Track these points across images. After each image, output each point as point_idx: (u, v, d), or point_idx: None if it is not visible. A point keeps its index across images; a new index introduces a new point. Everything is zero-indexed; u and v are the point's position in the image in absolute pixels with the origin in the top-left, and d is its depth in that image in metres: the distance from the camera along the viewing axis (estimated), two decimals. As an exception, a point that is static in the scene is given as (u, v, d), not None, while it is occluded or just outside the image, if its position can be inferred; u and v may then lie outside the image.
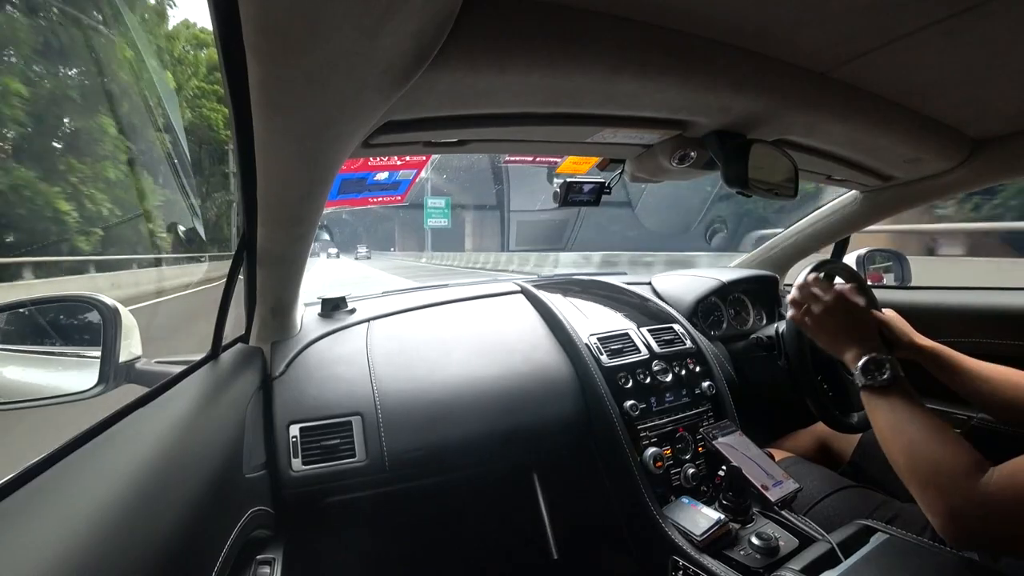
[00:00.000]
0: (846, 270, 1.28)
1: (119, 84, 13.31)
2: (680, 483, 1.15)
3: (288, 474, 0.99)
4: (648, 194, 8.69)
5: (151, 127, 11.40)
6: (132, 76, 12.39)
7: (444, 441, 1.08)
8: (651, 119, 0.85)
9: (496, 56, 0.59)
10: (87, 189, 11.89)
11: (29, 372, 0.99)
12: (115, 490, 0.50)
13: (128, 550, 0.46)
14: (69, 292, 0.96)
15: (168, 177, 12.88)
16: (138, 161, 13.12)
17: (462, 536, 1.33)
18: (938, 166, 1.16)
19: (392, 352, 1.20)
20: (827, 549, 0.86)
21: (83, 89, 13.47)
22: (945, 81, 0.81)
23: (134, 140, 13.05)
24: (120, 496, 0.50)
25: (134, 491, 0.51)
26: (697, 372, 1.32)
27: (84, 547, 0.42)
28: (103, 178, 12.50)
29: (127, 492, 0.51)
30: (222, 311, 0.90)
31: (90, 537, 0.43)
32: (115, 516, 0.47)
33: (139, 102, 12.24)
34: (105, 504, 0.48)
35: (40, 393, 0.88)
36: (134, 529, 0.48)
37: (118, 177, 12.83)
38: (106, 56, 13.10)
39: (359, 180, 1.35)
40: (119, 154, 12.87)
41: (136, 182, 13.38)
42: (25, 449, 0.58)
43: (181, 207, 13.52)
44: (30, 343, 0.99)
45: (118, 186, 12.87)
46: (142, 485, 0.53)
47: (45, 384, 0.93)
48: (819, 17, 0.63)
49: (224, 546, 0.68)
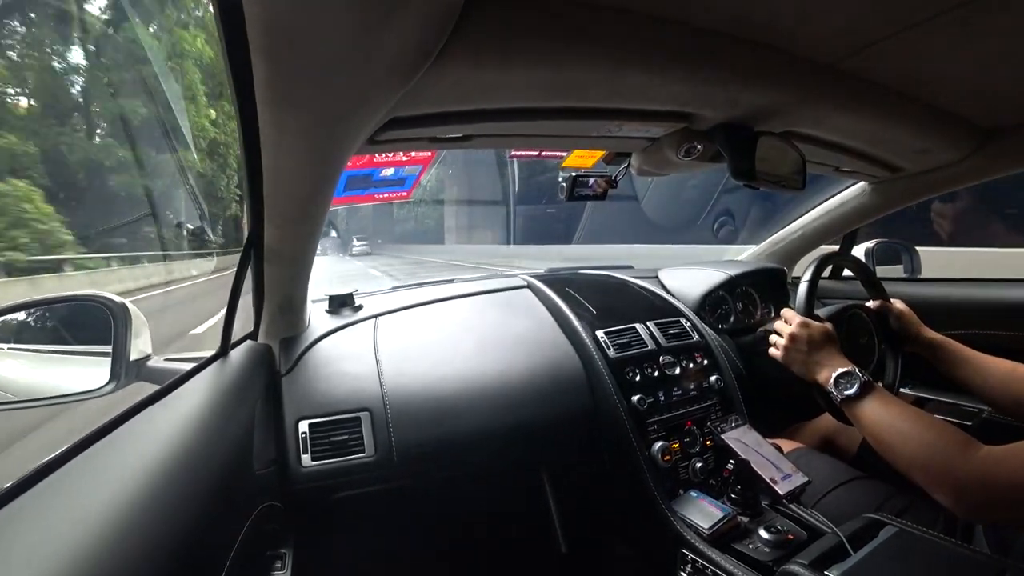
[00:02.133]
0: (854, 263, 1.27)
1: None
2: (688, 477, 1.15)
3: (298, 470, 1.00)
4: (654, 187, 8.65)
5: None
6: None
7: (452, 436, 1.09)
8: (657, 112, 0.85)
9: (500, 51, 0.59)
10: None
11: (41, 371, 1.01)
12: (128, 487, 0.51)
13: (141, 546, 0.46)
14: (79, 292, 0.97)
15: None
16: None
17: (470, 530, 1.33)
18: (947, 157, 1.15)
19: (399, 348, 1.20)
20: (836, 542, 0.86)
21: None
22: (955, 71, 0.80)
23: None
24: (132, 493, 0.50)
25: (146, 488, 0.52)
26: (705, 365, 1.31)
27: (98, 543, 0.43)
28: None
29: (139, 489, 0.51)
30: (230, 309, 0.90)
31: (103, 533, 0.44)
32: (128, 513, 0.48)
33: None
34: (118, 501, 0.48)
35: (52, 392, 0.89)
36: (147, 525, 0.48)
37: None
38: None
39: (365, 176, 1.36)
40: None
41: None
42: (43, 446, 0.58)
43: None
44: (42, 342, 1.00)
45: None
46: (154, 482, 0.54)
47: (57, 383, 0.94)
48: (827, 7, 0.62)
49: (235, 541, 0.69)
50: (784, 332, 1.00)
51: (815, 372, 0.93)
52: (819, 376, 0.92)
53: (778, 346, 1.01)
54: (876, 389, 0.86)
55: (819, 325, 0.97)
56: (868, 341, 1.13)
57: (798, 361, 0.96)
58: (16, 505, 0.45)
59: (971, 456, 0.71)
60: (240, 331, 1.06)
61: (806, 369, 0.95)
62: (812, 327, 0.96)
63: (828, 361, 0.92)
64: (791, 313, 1.01)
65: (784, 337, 0.99)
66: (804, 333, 0.96)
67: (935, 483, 0.73)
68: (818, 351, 0.94)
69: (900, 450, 0.79)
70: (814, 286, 1.05)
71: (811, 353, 0.94)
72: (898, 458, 0.79)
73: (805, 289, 1.04)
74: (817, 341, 0.95)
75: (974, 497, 0.70)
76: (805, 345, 0.95)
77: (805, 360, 0.95)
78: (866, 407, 0.84)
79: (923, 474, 0.75)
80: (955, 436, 0.74)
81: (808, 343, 0.95)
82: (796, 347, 0.96)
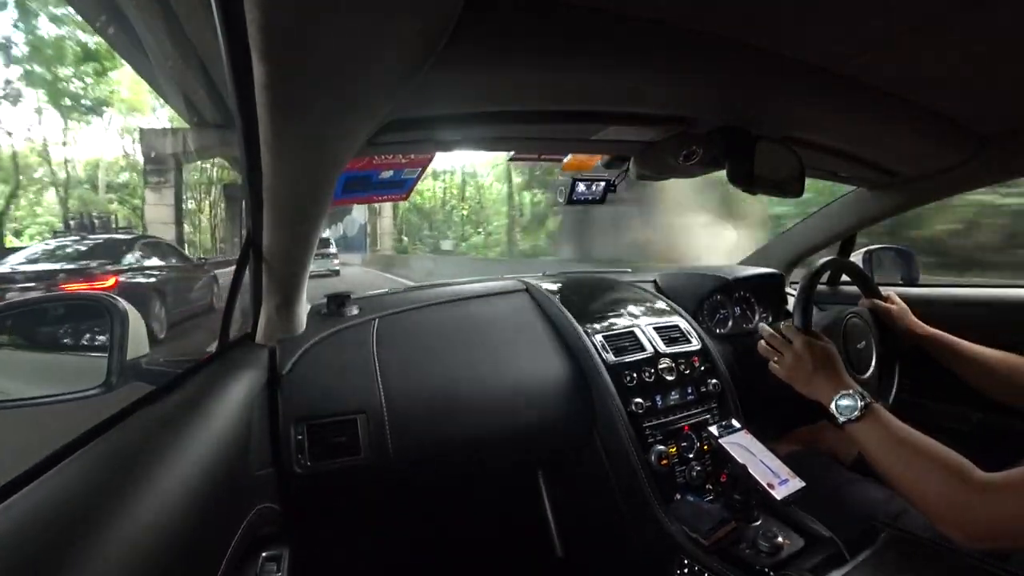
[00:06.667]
0: (852, 268, 1.27)
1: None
2: (685, 481, 1.15)
3: (294, 471, 0.99)
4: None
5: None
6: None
7: (450, 439, 1.09)
8: (656, 116, 0.85)
9: (500, 55, 0.59)
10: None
11: (36, 370, 1.00)
12: (122, 488, 0.51)
13: (135, 547, 0.46)
14: (75, 291, 0.97)
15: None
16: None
17: (467, 533, 1.33)
18: (946, 162, 1.15)
19: (397, 350, 1.20)
20: (834, 548, 0.86)
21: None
22: (953, 76, 0.80)
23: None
24: (127, 494, 0.50)
25: (141, 489, 0.52)
26: (702, 370, 1.31)
27: (89, 544, 0.42)
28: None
29: (134, 490, 0.51)
30: (228, 309, 0.90)
31: (96, 535, 0.44)
32: (121, 514, 0.47)
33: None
34: (112, 502, 0.48)
35: (47, 391, 0.88)
36: (140, 527, 0.48)
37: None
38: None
39: (364, 178, 1.35)
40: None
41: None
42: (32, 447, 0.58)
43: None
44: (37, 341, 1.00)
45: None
46: (149, 482, 0.53)
47: (52, 382, 0.94)
48: (825, 12, 0.62)
49: (231, 543, 0.69)
50: (786, 351, 0.99)
51: (818, 392, 0.93)
52: (821, 397, 0.92)
53: (781, 364, 1.00)
54: (877, 412, 0.85)
55: (821, 345, 0.97)
56: (866, 347, 1.13)
57: (800, 380, 0.96)
58: (8, 505, 0.44)
59: (969, 488, 0.71)
60: (237, 332, 1.06)
61: (809, 389, 0.95)
62: (814, 347, 0.96)
63: (830, 381, 0.92)
64: (793, 331, 1.01)
65: (786, 355, 0.99)
66: (807, 353, 0.96)
67: (933, 515, 0.74)
68: (821, 370, 0.94)
69: (899, 479, 0.79)
70: (811, 296, 1.05)
71: (815, 373, 0.94)
72: (896, 485, 0.80)
73: (802, 301, 1.04)
74: (820, 360, 0.94)
75: (973, 529, 0.71)
76: (809, 364, 0.95)
77: (808, 380, 0.95)
78: (867, 431, 0.84)
79: (921, 503, 0.76)
80: (953, 467, 0.74)
81: (812, 363, 0.95)
82: (800, 367, 0.96)
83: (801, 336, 0.98)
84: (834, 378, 0.92)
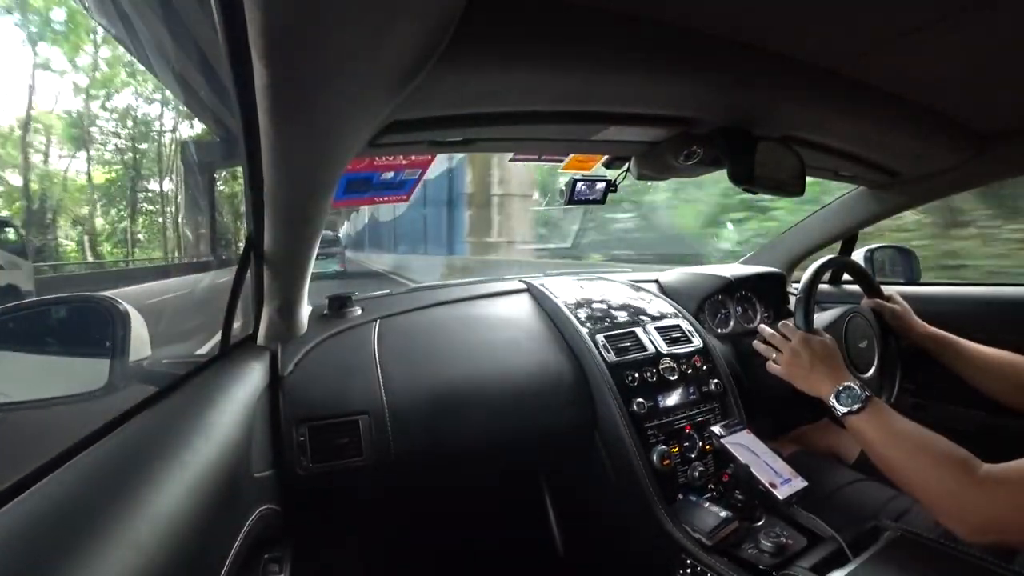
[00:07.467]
0: (854, 267, 1.27)
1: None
2: (687, 481, 1.15)
3: (296, 473, 0.99)
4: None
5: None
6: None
7: (451, 440, 1.08)
8: (657, 116, 0.85)
9: (501, 55, 0.59)
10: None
11: (37, 372, 1.00)
12: (124, 490, 0.51)
13: (137, 549, 0.46)
14: (76, 293, 0.97)
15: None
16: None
17: (469, 534, 1.33)
18: (946, 162, 1.15)
19: (399, 351, 1.20)
20: (836, 548, 0.86)
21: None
22: (953, 76, 0.80)
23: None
24: (129, 496, 0.50)
25: (143, 491, 0.52)
26: (704, 370, 1.31)
27: (93, 546, 0.42)
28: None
29: (136, 491, 0.51)
30: (229, 311, 0.90)
31: (98, 536, 0.44)
32: (124, 516, 0.47)
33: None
34: (114, 504, 0.48)
35: (49, 393, 0.88)
36: (143, 528, 0.48)
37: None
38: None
39: (365, 180, 1.35)
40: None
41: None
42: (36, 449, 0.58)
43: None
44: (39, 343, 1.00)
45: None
46: (151, 484, 0.53)
47: (54, 384, 0.94)
48: (826, 12, 0.62)
49: (233, 545, 0.69)
50: (784, 348, 1.00)
51: (817, 387, 0.93)
52: (821, 391, 0.92)
53: (779, 361, 1.01)
54: (878, 405, 0.86)
55: (820, 340, 0.97)
56: (868, 345, 1.13)
57: (800, 377, 0.97)
58: (11, 507, 0.45)
59: (970, 480, 0.71)
60: (239, 334, 1.06)
61: (808, 385, 0.96)
62: (813, 342, 0.97)
63: (830, 376, 0.92)
64: (791, 328, 1.01)
65: (785, 352, 0.99)
66: (805, 348, 0.96)
67: (935, 507, 0.75)
68: (820, 365, 0.94)
69: (900, 472, 0.80)
70: (812, 296, 1.05)
71: (813, 368, 0.95)
72: (898, 478, 0.80)
73: (803, 300, 1.04)
74: (819, 355, 0.95)
75: (975, 521, 0.71)
76: (807, 361, 0.95)
77: (807, 376, 0.95)
78: (867, 424, 0.85)
79: (923, 496, 0.76)
80: (954, 459, 0.74)
81: (810, 358, 0.95)
82: (798, 363, 0.97)
83: (799, 332, 0.99)
84: (833, 372, 0.93)
